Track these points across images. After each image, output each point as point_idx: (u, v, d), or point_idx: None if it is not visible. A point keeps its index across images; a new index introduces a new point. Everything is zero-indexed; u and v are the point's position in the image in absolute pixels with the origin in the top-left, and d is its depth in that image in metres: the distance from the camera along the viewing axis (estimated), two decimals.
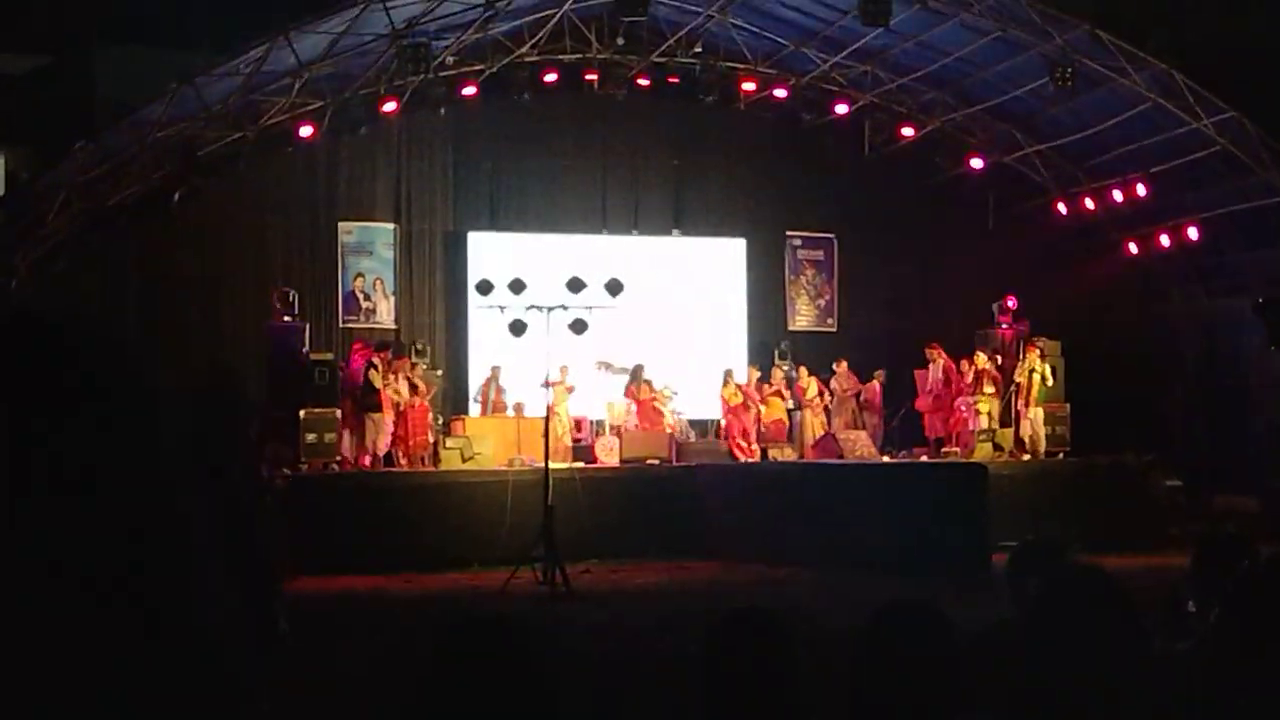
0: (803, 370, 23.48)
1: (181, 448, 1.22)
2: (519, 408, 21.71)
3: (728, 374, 23.04)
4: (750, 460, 22.11)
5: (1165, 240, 23.84)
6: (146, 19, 20.07)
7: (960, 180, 24.98)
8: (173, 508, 1.20)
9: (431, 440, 20.70)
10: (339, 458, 19.69)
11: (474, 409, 22.32)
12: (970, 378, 22.39)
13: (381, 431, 20.10)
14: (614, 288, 17.95)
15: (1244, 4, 20.49)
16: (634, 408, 22.12)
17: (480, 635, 2.92)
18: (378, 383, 19.93)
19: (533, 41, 21.75)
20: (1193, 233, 23.30)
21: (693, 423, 23.28)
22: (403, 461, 20.39)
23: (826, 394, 23.33)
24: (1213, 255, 23.77)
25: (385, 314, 23.18)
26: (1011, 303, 23.32)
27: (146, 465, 1.19)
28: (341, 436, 19.83)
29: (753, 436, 22.65)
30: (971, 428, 21.99)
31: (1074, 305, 23.96)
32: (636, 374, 22.25)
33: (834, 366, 23.50)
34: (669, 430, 21.97)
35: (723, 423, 23.04)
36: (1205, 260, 24.06)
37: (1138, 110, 21.74)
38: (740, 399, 22.82)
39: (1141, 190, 23.27)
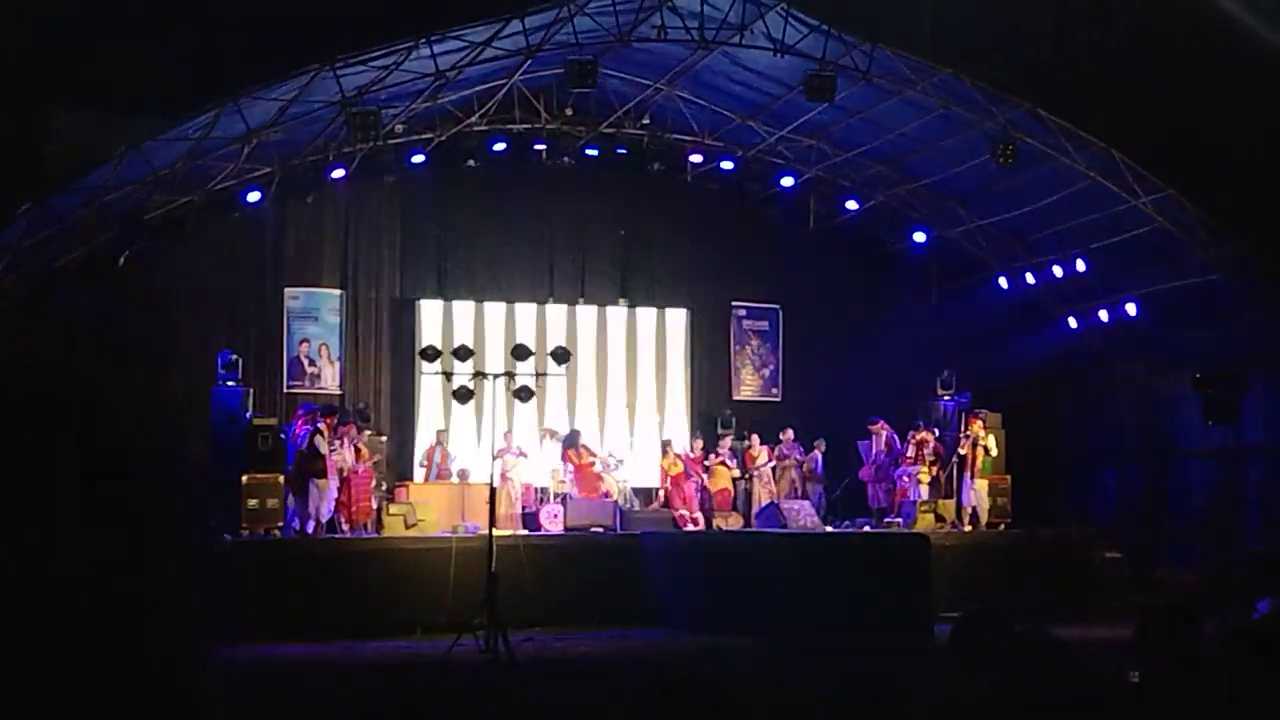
0: (755, 439, 23.56)
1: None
2: (464, 474, 21.70)
3: (666, 445, 23.29)
4: (695, 529, 22.14)
5: (1104, 316, 24.13)
6: (96, 83, 20.02)
7: (904, 253, 25.24)
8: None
9: (375, 506, 20.61)
10: (280, 523, 19.55)
11: (419, 473, 22.27)
12: (911, 449, 22.52)
13: (325, 497, 19.97)
14: (560, 356, 18.00)
15: (1181, 85, 20.89)
16: (572, 472, 22.14)
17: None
18: (323, 448, 19.83)
19: (482, 111, 21.88)
20: (1131, 309, 23.59)
21: (637, 491, 23.29)
22: (345, 527, 20.26)
23: (775, 462, 23.47)
24: (1151, 331, 24.05)
25: (330, 379, 23.12)
26: (947, 375, 23.55)
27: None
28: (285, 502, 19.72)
29: (695, 505, 22.72)
30: (913, 498, 22.11)
31: (1015, 378, 24.20)
32: (573, 439, 22.33)
33: (780, 435, 23.61)
34: (611, 497, 21.96)
35: (661, 493, 23.12)
36: (1144, 336, 24.35)
37: (1078, 188, 22.03)
38: (680, 469, 22.91)
39: (1081, 266, 23.58)
